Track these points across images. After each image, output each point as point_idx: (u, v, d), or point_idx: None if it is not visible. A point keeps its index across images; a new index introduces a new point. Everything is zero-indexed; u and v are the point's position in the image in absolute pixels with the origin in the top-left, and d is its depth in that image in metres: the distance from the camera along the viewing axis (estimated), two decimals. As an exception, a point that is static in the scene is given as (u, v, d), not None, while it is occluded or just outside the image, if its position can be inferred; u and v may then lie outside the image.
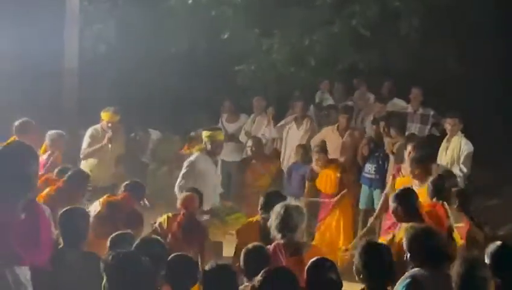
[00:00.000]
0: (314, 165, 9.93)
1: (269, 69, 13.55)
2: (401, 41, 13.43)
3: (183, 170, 8.85)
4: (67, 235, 5.76)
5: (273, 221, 6.01)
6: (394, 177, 9.03)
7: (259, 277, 4.82)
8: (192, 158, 8.94)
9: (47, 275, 5.33)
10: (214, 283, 4.95)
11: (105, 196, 7.92)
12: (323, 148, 9.91)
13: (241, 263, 5.52)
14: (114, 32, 13.61)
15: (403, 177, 8.83)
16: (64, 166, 8.59)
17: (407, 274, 5.23)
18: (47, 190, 7.92)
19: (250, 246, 5.65)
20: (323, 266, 5.15)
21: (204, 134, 9.03)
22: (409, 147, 8.54)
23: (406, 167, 8.69)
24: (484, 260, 5.07)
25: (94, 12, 13.58)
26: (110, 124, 10.04)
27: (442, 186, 7.22)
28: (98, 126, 10.23)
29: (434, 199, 7.16)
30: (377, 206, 9.64)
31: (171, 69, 13.64)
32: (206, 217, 8.47)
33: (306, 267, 5.14)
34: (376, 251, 5.10)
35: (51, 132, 9.66)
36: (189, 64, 13.72)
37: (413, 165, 8.03)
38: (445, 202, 7.11)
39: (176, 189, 8.72)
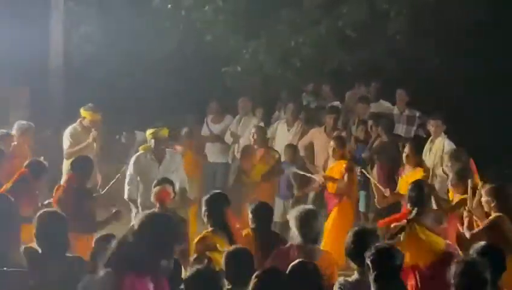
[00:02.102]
0: (331, 158, 9.89)
1: (256, 70, 13.54)
2: (389, 42, 13.45)
3: (128, 169, 9.12)
4: (47, 241, 5.64)
5: (295, 226, 6.00)
6: (401, 177, 9.23)
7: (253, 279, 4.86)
8: (132, 160, 9.17)
9: (29, 281, 5.32)
10: (197, 287, 4.92)
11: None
12: (343, 141, 9.91)
13: (223, 265, 5.46)
14: (100, 34, 13.57)
15: (406, 176, 9.00)
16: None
17: (338, 280, 5.35)
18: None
19: (231, 248, 5.61)
20: (306, 269, 5.14)
21: (148, 132, 9.19)
22: (406, 149, 9.13)
23: (407, 167, 9.14)
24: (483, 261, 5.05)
25: (80, 13, 13.54)
26: (93, 123, 9.98)
27: (418, 196, 7.27)
28: (76, 125, 10.11)
29: (409, 206, 7.22)
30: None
31: (157, 70, 13.62)
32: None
33: (288, 270, 5.11)
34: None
35: (20, 122, 9.62)
36: (176, 66, 13.70)
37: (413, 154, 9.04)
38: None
39: (125, 191, 8.93)
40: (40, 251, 5.62)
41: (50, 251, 5.59)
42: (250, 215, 6.99)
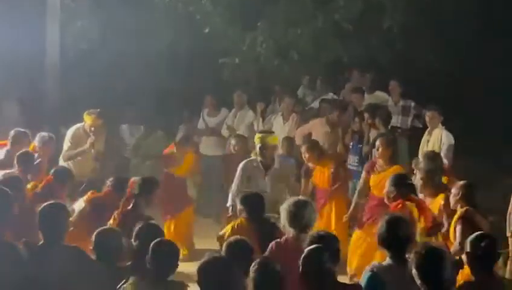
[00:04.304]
0: (306, 162, 9.78)
1: (253, 62, 13.53)
2: (385, 34, 13.47)
3: (236, 175, 8.72)
4: (48, 230, 5.76)
5: (285, 218, 6.07)
6: (369, 173, 9.10)
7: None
8: (242, 162, 8.77)
9: (29, 272, 5.36)
10: (210, 275, 4.94)
11: (89, 193, 7.95)
12: (314, 145, 9.76)
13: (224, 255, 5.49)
14: (96, 29, 13.55)
15: (378, 174, 8.91)
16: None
17: (367, 268, 5.39)
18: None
19: (232, 239, 5.63)
20: (319, 255, 5.10)
21: (256, 136, 8.87)
22: (377, 143, 8.94)
23: (380, 162, 8.97)
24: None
25: (76, 9, 13.51)
26: (93, 128, 9.97)
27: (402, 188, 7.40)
28: (80, 127, 10.12)
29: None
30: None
31: (154, 64, 13.62)
32: None
33: (302, 257, 5.07)
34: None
35: (42, 134, 9.59)
36: (173, 59, 13.69)
37: (384, 147, 8.84)
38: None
39: (229, 195, 8.65)
40: (41, 241, 5.73)
41: (51, 240, 5.68)
42: (240, 207, 6.87)
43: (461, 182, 7.37)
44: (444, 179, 8.17)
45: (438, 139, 9.95)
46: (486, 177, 10.90)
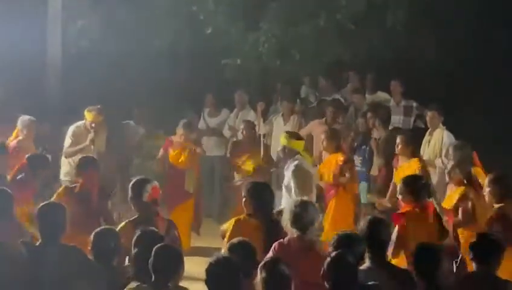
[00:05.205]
0: (323, 151, 9.81)
1: (255, 62, 13.53)
2: (387, 34, 13.47)
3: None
4: (46, 230, 5.78)
5: (288, 218, 6.02)
6: (396, 168, 9.27)
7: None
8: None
9: (27, 271, 5.38)
10: (219, 276, 4.94)
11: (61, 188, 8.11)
12: (334, 134, 9.66)
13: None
14: (97, 28, 13.55)
15: (401, 167, 9.05)
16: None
17: None
18: None
19: (235, 240, 5.59)
20: (345, 259, 5.06)
21: (282, 136, 8.54)
22: (397, 140, 9.10)
23: (402, 159, 9.19)
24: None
25: (77, 7, 13.50)
26: (93, 125, 9.98)
27: (416, 188, 7.09)
28: (80, 124, 10.13)
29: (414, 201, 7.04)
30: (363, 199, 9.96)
31: (155, 64, 13.61)
32: None
33: (327, 262, 5.04)
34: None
35: (23, 117, 9.77)
36: (174, 59, 13.69)
37: (403, 144, 9.04)
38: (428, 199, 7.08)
39: None
40: (39, 241, 5.79)
41: (49, 239, 5.72)
42: (245, 199, 6.52)
43: (490, 176, 7.32)
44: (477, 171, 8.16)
45: (439, 140, 9.94)
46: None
